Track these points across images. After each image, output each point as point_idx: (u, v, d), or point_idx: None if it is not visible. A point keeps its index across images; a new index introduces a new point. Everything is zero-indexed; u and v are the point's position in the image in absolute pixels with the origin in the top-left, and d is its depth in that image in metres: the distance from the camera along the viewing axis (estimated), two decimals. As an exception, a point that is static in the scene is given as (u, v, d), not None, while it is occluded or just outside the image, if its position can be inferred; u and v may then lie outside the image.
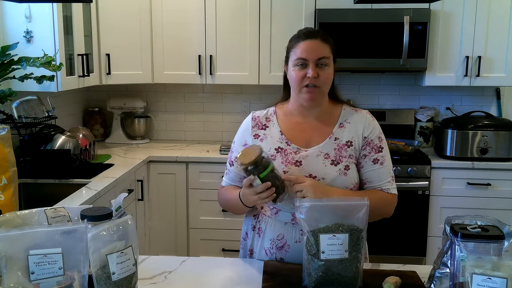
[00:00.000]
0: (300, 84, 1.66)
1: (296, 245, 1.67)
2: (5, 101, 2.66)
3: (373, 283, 1.46)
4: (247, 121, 1.81)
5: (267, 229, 1.73)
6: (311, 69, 1.62)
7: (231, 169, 1.81)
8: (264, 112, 1.80)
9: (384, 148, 1.73)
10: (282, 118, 1.77)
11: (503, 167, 3.32)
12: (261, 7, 3.50)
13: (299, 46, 1.65)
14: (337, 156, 1.68)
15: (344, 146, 1.69)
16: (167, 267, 1.63)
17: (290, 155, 1.69)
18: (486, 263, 1.19)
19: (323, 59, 1.64)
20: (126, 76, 3.57)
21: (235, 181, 1.80)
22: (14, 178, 1.71)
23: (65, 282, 1.18)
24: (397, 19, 3.36)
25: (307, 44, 1.64)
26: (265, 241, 1.73)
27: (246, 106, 3.91)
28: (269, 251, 1.72)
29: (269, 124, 1.77)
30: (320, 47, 1.65)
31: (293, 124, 1.75)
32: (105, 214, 1.30)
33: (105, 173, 2.90)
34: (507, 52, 3.43)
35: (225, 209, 1.87)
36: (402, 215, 3.38)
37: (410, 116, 3.81)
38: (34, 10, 2.81)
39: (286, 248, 1.69)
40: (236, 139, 1.82)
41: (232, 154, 1.81)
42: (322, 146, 1.69)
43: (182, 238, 3.54)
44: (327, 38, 1.68)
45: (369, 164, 1.70)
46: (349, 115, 1.75)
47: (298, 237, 1.67)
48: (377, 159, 1.70)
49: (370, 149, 1.70)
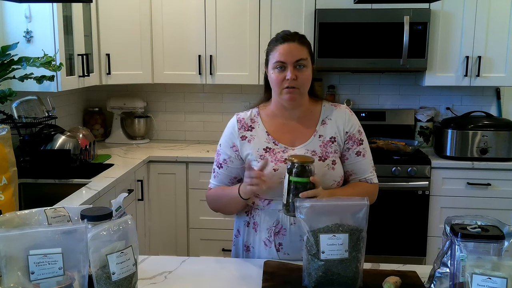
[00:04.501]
0: (280, 86, 1.71)
1: (292, 227, 1.71)
2: (5, 101, 2.66)
3: (373, 283, 1.46)
4: (232, 123, 1.85)
5: (262, 221, 1.76)
6: (289, 71, 1.68)
7: (219, 172, 1.83)
8: (248, 114, 1.85)
9: (364, 140, 1.82)
10: (266, 119, 1.82)
11: (503, 167, 3.32)
12: (261, 7, 3.50)
13: (277, 50, 1.71)
14: (323, 152, 1.74)
15: (329, 142, 1.76)
16: (167, 267, 1.63)
17: (278, 154, 1.74)
18: (486, 263, 1.19)
19: (301, 61, 1.69)
20: (126, 76, 3.57)
21: (224, 183, 1.83)
22: (14, 178, 1.71)
23: (65, 282, 1.17)
24: (397, 19, 3.36)
25: (285, 47, 1.70)
26: (262, 233, 1.76)
27: (246, 106, 3.88)
28: (268, 240, 1.75)
29: (255, 125, 1.81)
30: (298, 49, 1.70)
31: (277, 125, 1.80)
32: (105, 214, 1.30)
33: (105, 173, 2.89)
34: (507, 52, 3.43)
35: (215, 209, 1.86)
36: (402, 215, 3.38)
37: (410, 116, 3.81)
38: (34, 10, 2.81)
39: (283, 232, 1.73)
40: (223, 142, 1.84)
41: (219, 157, 1.83)
42: (308, 144, 1.76)
43: (182, 238, 3.54)
44: (304, 40, 1.74)
45: (352, 156, 1.78)
46: (329, 112, 1.81)
47: (292, 220, 1.70)
48: (359, 152, 1.79)
49: (352, 142, 1.78)
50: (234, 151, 1.80)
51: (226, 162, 1.81)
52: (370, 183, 1.80)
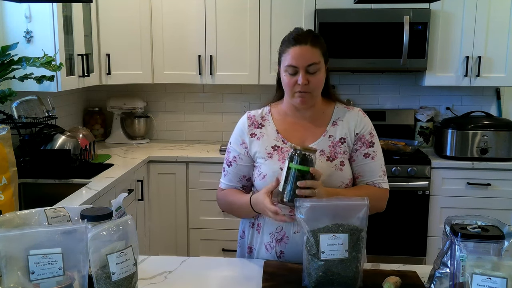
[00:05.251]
0: (291, 90, 1.69)
1: (295, 235, 1.69)
2: (5, 101, 2.66)
3: (373, 283, 1.46)
4: (242, 121, 1.83)
5: (265, 224, 1.75)
6: (301, 76, 1.65)
7: (229, 170, 1.82)
8: (259, 112, 1.83)
9: (376, 143, 1.77)
10: (277, 118, 1.80)
11: (503, 167, 3.33)
12: (261, 7, 3.50)
13: (289, 52, 1.67)
14: (332, 152, 1.72)
15: (338, 143, 1.74)
16: (167, 267, 1.63)
17: (286, 153, 1.70)
18: (486, 263, 1.19)
19: (313, 65, 1.66)
20: (126, 76, 3.57)
21: (234, 181, 1.82)
22: (14, 178, 1.71)
23: (65, 282, 1.17)
24: (397, 19, 3.36)
25: (297, 50, 1.65)
26: (265, 236, 1.75)
27: (246, 106, 3.91)
28: (269, 245, 1.73)
29: (265, 123, 1.80)
30: (310, 53, 1.65)
31: (288, 124, 1.78)
32: (105, 214, 1.30)
33: (105, 173, 2.89)
34: (507, 52, 3.43)
35: (226, 211, 1.87)
36: (402, 215, 3.38)
37: (410, 116, 3.81)
38: (34, 10, 2.81)
39: (285, 240, 1.71)
40: (233, 139, 1.83)
41: (229, 155, 1.82)
42: (317, 143, 1.73)
43: (182, 238, 3.54)
44: (317, 41, 1.69)
45: (360, 158, 1.74)
46: (341, 113, 1.79)
47: (296, 228, 1.68)
48: (368, 154, 1.74)
49: (361, 144, 1.75)
50: (243, 148, 1.79)
51: (235, 159, 1.80)
52: (378, 187, 1.74)
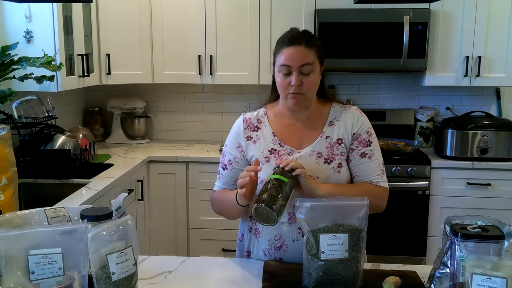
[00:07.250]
0: (285, 91, 1.67)
1: (294, 244, 1.67)
2: (5, 101, 2.66)
3: (373, 283, 1.46)
4: (238, 123, 1.80)
5: (263, 230, 1.72)
6: (294, 77, 1.63)
7: (224, 173, 1.80)
8: (255, 114, 1.80)
9: (373, 142, 1.74)
10: (273, 119, 1.78)
11: (503, 167, 3.33)
12: (261, 7, 3.50)
13: (283, 53, 1.65)
14: (329, 154, 1.70)
15: (336, 144, 1.71)
16: (167, 267, 1.63)
17: (283, 156, 1.70)
18: (486, 263, 1.19)
19: (307, 65, 1.63)
20: (126, 76, 3.57)
21: (229, 184, 1.79)
22: (14, 178, 1.71)
23: (65, 282, 1.17)
24: (397, 19, 3.36)
25: (291, 51, 1.63)
26: (263, 242, 1.73)
27: (246, 106, 3.91)
28: (268, 251, 1.72)
29: (261, 126, 1.77)
30: (304, 53, 1.63)
31: (284, 126, 1.76)
32: (105, 214, 1.30)
33: (105, 173, 2.90)
34: (507, 52, 3.43)
35: (218, 212, 1.82)
36: (402, 215, 3.38)
37: (410, 116, 3.81)
38: (34, 10, 2.81)
39: (284, 248, 1.69)
40: (228, 142, 1.81)
41: (224, 158, 1.80)
42: (314, 145, 1.71)
43: (182, 238, 3.54)
44: (312, 42, 1.67)
45: (356, 158, 1.72)
46: (338, 113, 1.76)
47: (295, 236, 1.67)
48: (364, 153, 1.72)
49: (358, 143, 1.72)
50: (239, 151, 1.77)
51: (231, 163, 1.78)
52: (376, 186, 1.71)
